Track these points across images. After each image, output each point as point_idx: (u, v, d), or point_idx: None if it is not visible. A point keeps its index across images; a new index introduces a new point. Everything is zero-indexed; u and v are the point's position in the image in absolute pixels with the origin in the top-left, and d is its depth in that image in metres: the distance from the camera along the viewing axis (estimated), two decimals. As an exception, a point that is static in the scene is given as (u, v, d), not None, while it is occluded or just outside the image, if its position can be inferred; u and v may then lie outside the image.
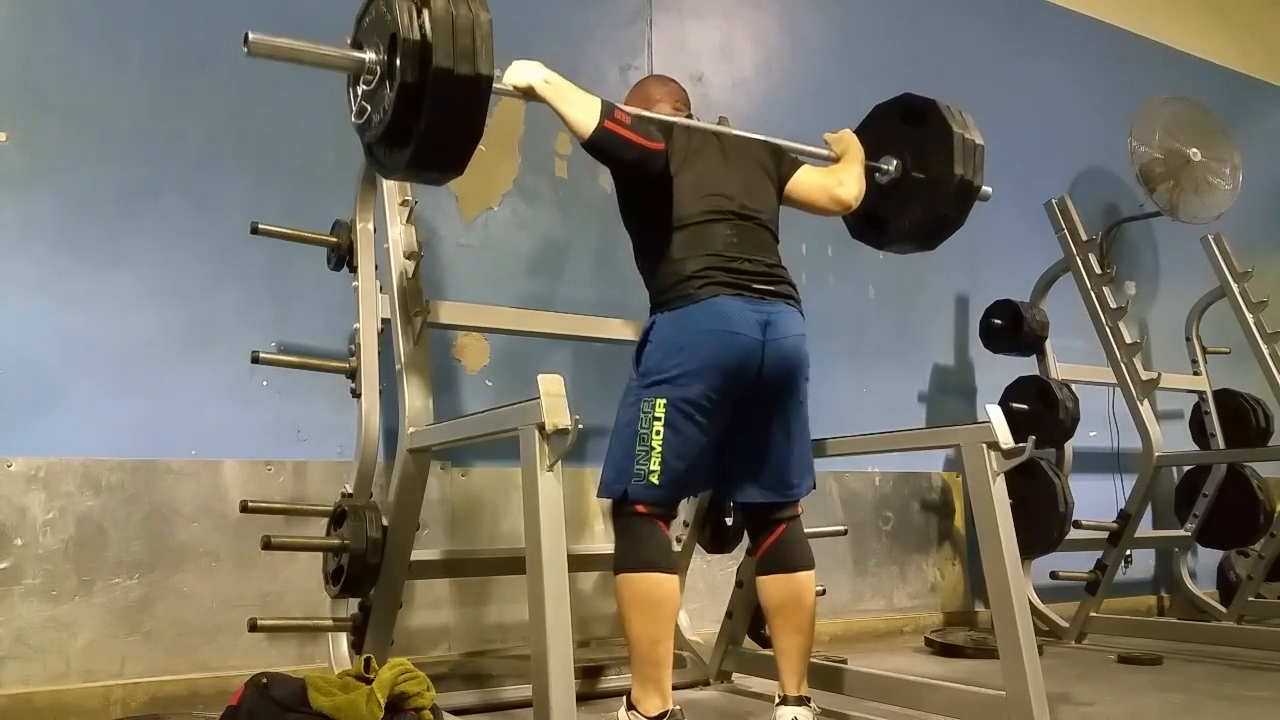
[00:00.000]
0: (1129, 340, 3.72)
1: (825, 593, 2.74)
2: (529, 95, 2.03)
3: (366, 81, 1.75)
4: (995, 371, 4.08)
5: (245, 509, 2.33)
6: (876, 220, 2.46)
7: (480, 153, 1.75)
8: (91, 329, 2.53)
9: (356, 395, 2.42)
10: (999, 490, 2.10)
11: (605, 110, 2.02)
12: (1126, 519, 3.62)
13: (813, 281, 3.63)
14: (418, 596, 2.83)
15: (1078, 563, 3.75)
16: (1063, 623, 3.74)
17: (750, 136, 2.30)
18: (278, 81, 2.86)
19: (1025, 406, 3.79)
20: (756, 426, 2.16)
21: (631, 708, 1.97)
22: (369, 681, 1.85)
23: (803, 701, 2.12)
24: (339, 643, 2.49)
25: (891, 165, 2.44)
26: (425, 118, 1.64)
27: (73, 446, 2.46)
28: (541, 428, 1.70)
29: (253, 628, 2.23)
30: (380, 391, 2.41)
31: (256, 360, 2.41)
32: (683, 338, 2.05)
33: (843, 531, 3.19)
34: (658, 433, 2.01)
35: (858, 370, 3.84)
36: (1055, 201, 3.99)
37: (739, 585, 2.78)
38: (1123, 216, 4.60)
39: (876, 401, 3.85)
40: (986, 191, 2.40)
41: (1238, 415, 4.20)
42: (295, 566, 2.64)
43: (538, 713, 1.67)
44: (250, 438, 2.69)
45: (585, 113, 2.01)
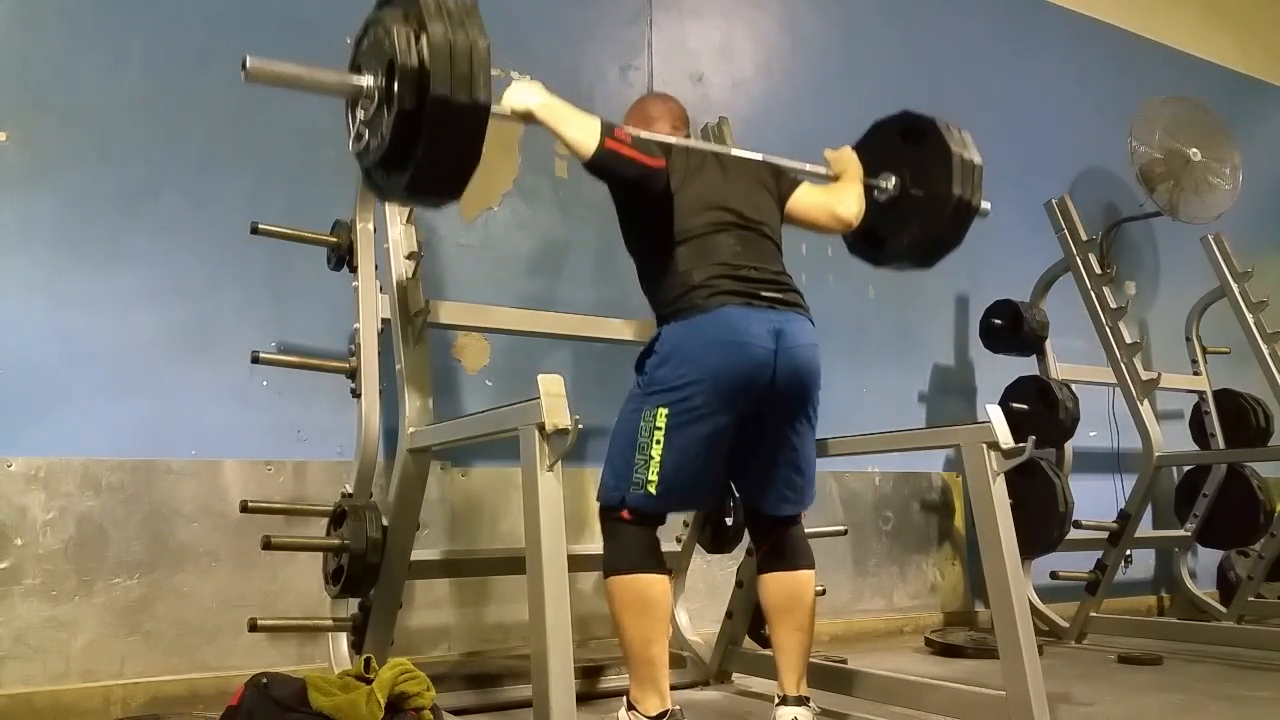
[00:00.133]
0: (1129, 340, 3.72)
1: (825, 593, 2.74)
2: (528, 119, 2.02)
3: (365, 107, 1.74)
4: (995, 371, 4.08)
5: (245, 509, 2.33)
6: (874, 237, 2.44)
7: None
8: (91, 329, 2.53)
9: (356, 395, 2.42)
10: (999, 490, 2.10)
11: (605, 129, 2.01)
12: (1126, 519, 3.62)
13: (813, 281, 3.63)
14: (418, 596, 2.83)
15: (1078, 563, 3.75)
16: (1063, 623, 3.74)
17: (749, 157, 2.28)
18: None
19: (1025, 406, 3.78)
20: (766, 439, 2.13)
21: (631, 708, 1.97)
22: (369, 681, 1.85)
23: (802, 701, 2.12)
24: (339, 643, 2.49)
25: (890, 183, 2.43)
26: (423, 144, 1.63)
27: (73, 446, 2.46)
28: (541, 428, 1.70)
29: (253, 628, 2.23)
30: (380, 391, 2.40)
31: (256, 360, 2.41)
32: (689, 348, 2.02)
33: (843, 531, 3.19)
34: (657, 442, 1.99)
35: (858, 370, 3.84)
36: (1055, 201, 3.99)
37: (739, 585, 2.78)
38: (1123, 216, 4.61)
39: (876, 401, 3.85)
40: (985, 208, 2.39)
41: (1238, 415, 4.21)
42: (295, 566, 2.64)
43: (538, 713, 1.67)
44: (250, 438, 2.69)
45: (585, 133, 2.00)
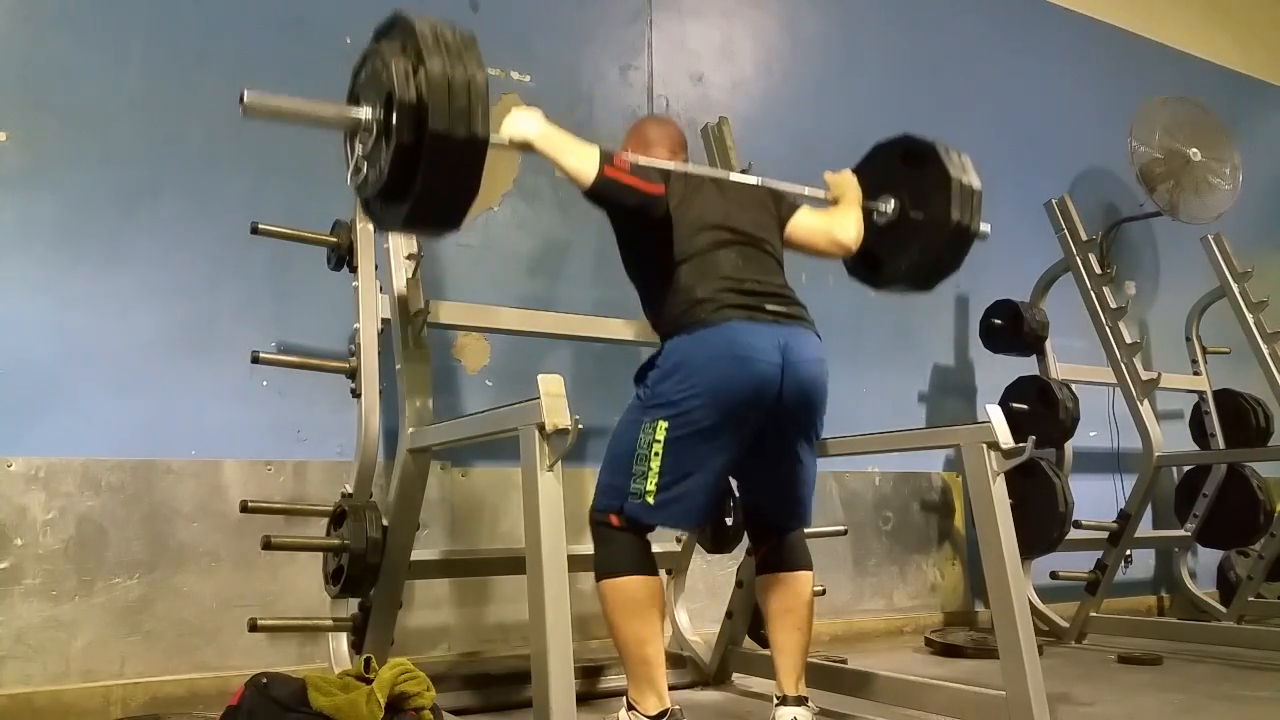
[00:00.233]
0: (1129, 340, 3.72)
1: (825, 593, 2.74)
2: (526, 148, 2.02)
3: (363, 141, 1.74)
4: (995, 371, 4.08)
5: (245, 509, 2.33)
6: (873, 260, 2.43)
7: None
8: (92, 329, 2.53)
9: (356, 395, 2.42)
10: (999, 490, 2.10)
11: (604, 157, 2.01)
12: (1126, 519, 3.62)
13: (813, 281, 3.61)
14: (418, 596, 2.83)
15: (1078, 563, 3.75)
16: (1063, 623, 3.74)
17: (747, 182, 2.27)
18: (278, 81, 2.85)
19: (1025, 406, 3.78)
20: (768, 453, 2.11)
21: (631, 708, 1.97)
22: (369, 681, 1.85)
23: (801, 701, 2.12)
24: (339, 643, 2.49)
25: (889, 206, 2.42)
26: (422, 178, 1.63)
27: (73, 446, 2.46)
28: (541, 428, 1.70)
29: (253, 628, 2.23)
30: (380, 391, 2.40)
31: (256, 360, 2.41)
32: (693, 362, 1.99)
33: (843, 531, 3.19)
34: (656, 455, 1.97)
35: (858, 370, 3.83)
36: (1055, 201, 3.99)
37: (739, 585, 2.78)
38: (1123, 216, 4.60)
39: (876, 401, 3.85)
40: (985, 231, 2.39)
41: (1238, 415, 4.21)
42: (295, 566, 2.64)
43: (538, 713, 1.67)
44: (250, 438, 2.69)
45: (584, 162, 2.00)
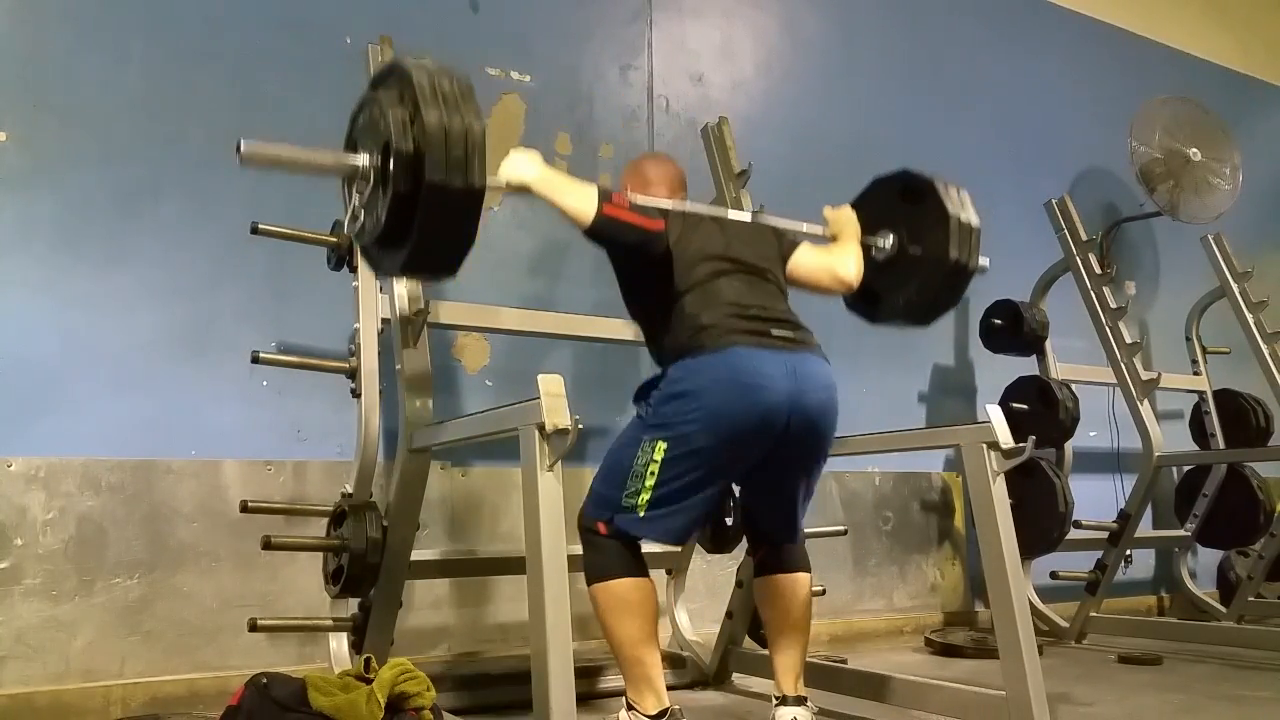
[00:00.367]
0: (1129, 340, 3.72)
1: (825, 592, 2.74)
2: (524, 191, 2.02)
3: (360, 189, 1.74)
4: (995, 371, 4.08)
5: (245, 509, 2.33)
6: (871, 295, 2.42)
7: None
8: (91, 329, 2.53)
9: (356, 395, 2.41)
10: (999, 490, 2.10)
11: (602, 196, 2.01)
12: (1126, 519, 3.62)
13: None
14: (418, 596, 2.82)
15: (1078, 563, 3.75)
16: (1063, 623, 3.74)
17: (746, 220, 2.28)
18: (278, 81, 2.86)
19: (1025, 406, 3.79)
20: (772, 473, 2.10)
21: (631, 708, 1.97)
22: (369, 681, 1.85)
23: (801, 701, 2.12)
24: (339, 643, 2.48)
25: (888, 241, 2.41)
26: (418, 227, 1.64)
27: (73, 446, 2.46)
28: (541, 428, 1.70)
29: (253, 628, 2.23)
30: (380, 391, 2.40)
31: (256, 360, 2.40)
32: (695, 386, 1.96)
33: (843, 531, 3.19)
34: (652, 474, 1.96)
35: (858, 370, 3.83)
36: (1055, 201, 3.99)
37: (739, 585, 2.78)
38: (1123, 216, 4.61)
39: (876, 401, 3.84)
40: (983, 266, 2.39)
41: (1238, 415, 4.21)
42: (295, 566, 2.64)
43: (538, 713, 1.67)
44: (250, 438, 2.69)
45: (583, 201, 2.00)
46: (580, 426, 1.70)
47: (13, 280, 2.46)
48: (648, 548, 2.09)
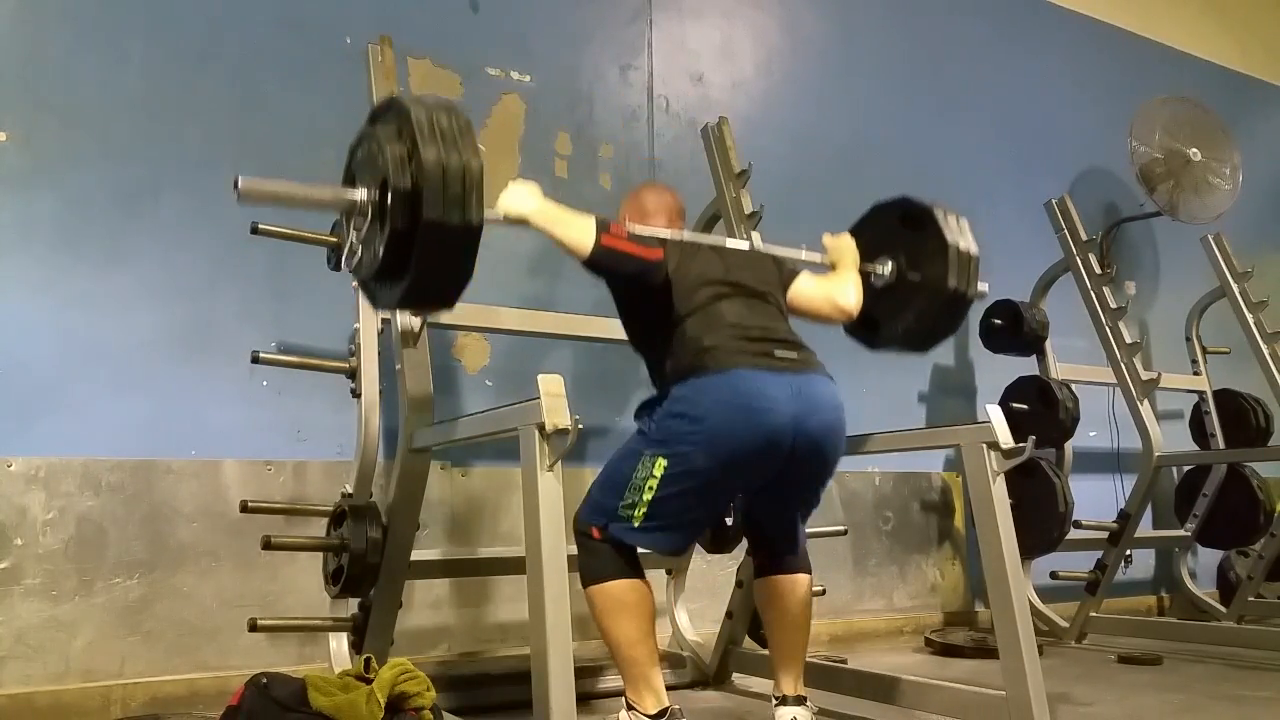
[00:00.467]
0: (1129, 340, 3.72)
1: (825, 592, 2.74)
2: (522, 224, 2.02)
3: (357, 225, 1.74)
4: (995, 371, 4.08)
5: (245, 509, 2.33)
6: (870, 321, 2.42)
7: (480, 153, 1.74)
8: (91, 329, 2.53)
9: (356, 395, 2.41)
10: (999, 490, 2.10)
11: (600, 227, 2.01)
12: (1126, 519, 3.62)
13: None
14: (418, 596, 2.82)
15: (1078, 563, 3.75)
16: (1063, 623, 3.74)
17: (745, 248, 2.28)
18: (278, 81, 2.86)
19: (1025, 406, 3.79)
20: (776, 496, 2.11)
21: (631, 708, 1.97)
22: (369, 681, 1.85)
23: (800, 701, 2.12)
24: (339, 643, 2.48)
25: (887, 268, 2.41)
26: (415, 263, 1.64)
27: (73, 446, 2.46)
28: (541, 428, 1.71)
29: (253, 628, 2.23)
30: (380, 391, 2.40)
31: (256, 360, 2.40)
32: (697, 407, 1.94)
33: (843, 531, 3.19)
34: (650, 489, 1.95)
35: (858, 370, 3.80)
36: (1055, 201, 3.99)
37: (739, 585, 2.78)
38: (1123, 216, 4.61)
39: (876, 401, 3.84)
40: (983, 291, 2.39)
41: (1238, 415, 4.21)
42: (295, 566, 2.64)
43: (538, 713, 1.67)
44: (250, 438, 2.69)
45: (581, 232, 2.00)
46: (580, 426, 1.70)
47: (13, 280, 2.46)
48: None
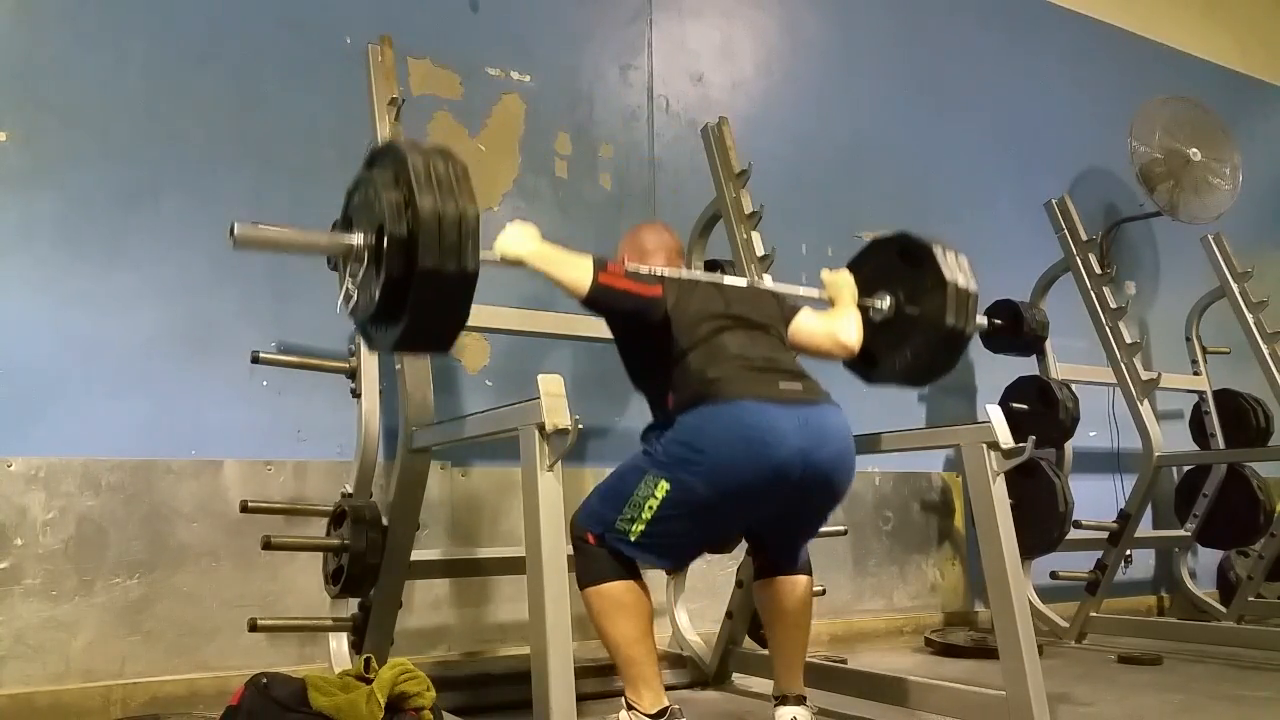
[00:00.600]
0: (1129, 340, 3.72)
1: (825, 593, 2.74)
2: (519, 265, 2.02)
3: (353, 271, 1.74)
4: (995, 371, 4.08)
5: (245, 509, 2.34)
6: (868, 356, 2.42)
7: (480, 152, 1.74)
8: (92, 329, 2.53)
9: (356, 395, 2.42)
10: (999, 490, 2.10)
11: (598, 265, 2.02)
12: (1126, 519, 3.62)
13: (813, 282, 3.63)
14: (418, 596, 2.82)
15: (1078, 563, 3.75)
16: (1063, 623, 3.74)
17: (743, 285, 2.28)
18: (278, 81, 2.86)
19: (1025, 406, 3.78)
20: (781, 523, 2.11)
21: (631, 708, 1.97)
22: (369, 681, 1.85)
23: (800, 700, 2.13)
24: (339, 643, 2.49)
25: (885, 303, 2.41)
26: (411, 309, 1.64)
27: (73, 446, 2.46)
28: (541, 428, 1.71)
29: (253, 628, 2.23)
30: (380, 391, 2.41)
31: (256, 360, 2.41)
32: (702, 438, 1.93)
33: (843, 531, 3.19)
34: (650, 508, 1.95)
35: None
36: (1055, 201, 3.99)
37: (739, 585, 2.78)
38: (1123, 216, 4.61)
39: (876, 401, 3.83)
40: (981, 325, 2.40)
41: (1238, 415, 4.21)
42: (295, 566, 2.64)
43: (538, 713, 1.67)
44: (250, 438, 2.69)
45: (579, 271, 2.01)
46: (580, 426, 1.70)
47: (13, 280, 2.46)
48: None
